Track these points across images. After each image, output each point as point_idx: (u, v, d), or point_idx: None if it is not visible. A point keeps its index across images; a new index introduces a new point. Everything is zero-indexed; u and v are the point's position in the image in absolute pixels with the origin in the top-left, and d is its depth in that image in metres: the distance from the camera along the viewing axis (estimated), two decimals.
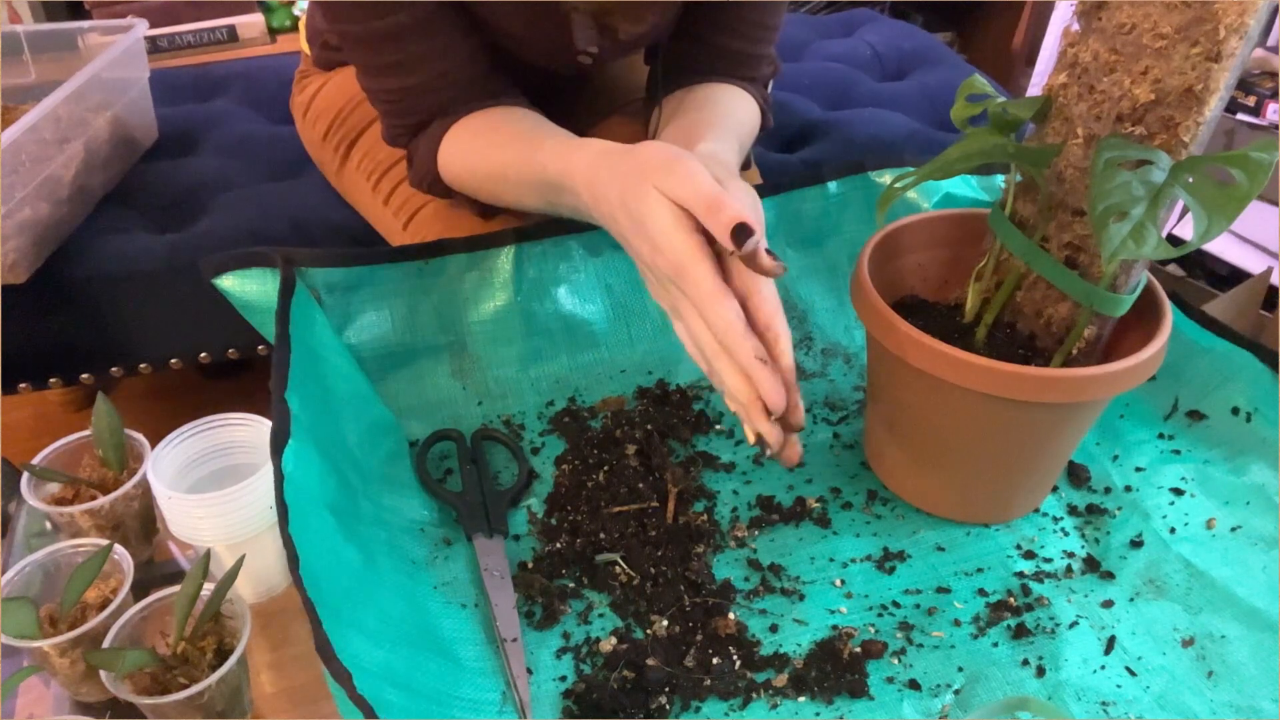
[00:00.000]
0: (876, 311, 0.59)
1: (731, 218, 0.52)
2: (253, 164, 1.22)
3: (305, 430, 0.58)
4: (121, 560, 0.60)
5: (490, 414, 0.73)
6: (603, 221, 0.61)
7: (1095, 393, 0.57)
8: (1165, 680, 0.55)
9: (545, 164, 0.64)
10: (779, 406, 0.54)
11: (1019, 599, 0.60)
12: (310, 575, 0.50)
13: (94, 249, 1.06)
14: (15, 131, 0.94)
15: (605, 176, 0.59)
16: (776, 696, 0.55)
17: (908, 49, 1.50)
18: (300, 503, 0.54)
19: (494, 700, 0.54)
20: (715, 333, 0.54)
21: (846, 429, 0.73)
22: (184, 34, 1.71)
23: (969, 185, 0.82)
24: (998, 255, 0.63)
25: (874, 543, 0.64)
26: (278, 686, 0.61)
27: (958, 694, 0.55)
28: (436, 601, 0.59)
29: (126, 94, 1.16)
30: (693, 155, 0.57)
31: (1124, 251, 0.50)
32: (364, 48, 0.72)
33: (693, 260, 0.54)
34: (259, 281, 0.68)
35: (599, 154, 0.60)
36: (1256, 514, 0.65)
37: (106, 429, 0.66)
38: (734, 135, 0.71)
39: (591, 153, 0.61)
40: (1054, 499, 0.67)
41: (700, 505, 0.66)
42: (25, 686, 0.60)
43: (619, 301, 0.78)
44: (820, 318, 0.81)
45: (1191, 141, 0.54)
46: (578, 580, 0.61)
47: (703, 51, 0.80)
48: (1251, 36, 0.51)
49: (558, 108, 0.78)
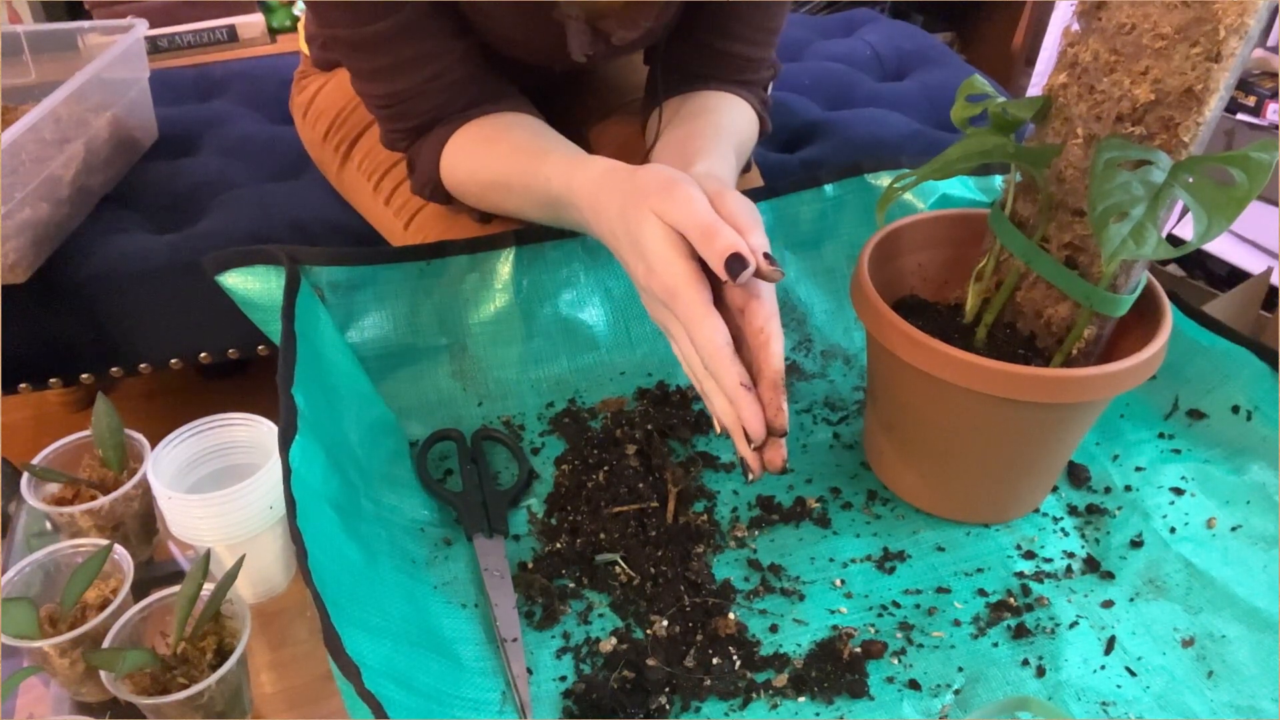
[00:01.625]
0: (876, 312, 0.59)
1: (726, 247, 0.53)
2: (253, 164, 1.22)
3: (310, 427, 0.58)
4: (121, 560, 0.60)
5: (490, 414, 0.73)
6: (603, 239, 0.62)
7: (1095, 393, 0.57)
8: (1165, 680, 0.55)
9: (549, 178, 0.65)
10: (758, 435, 0.55)
11: (1019, 599, 0.60)
12: (316, 569, 0.50)
13: (94, 249, 1.05)
14: (15, 131, 0.94)
15: (606, 197, 0.60)
16: (776, 696, 0.55)
17: (908, 49, 1.50)
18: (305, 498, 0.54)
19: (494, 700, 0.54)
20: (702, 356, 0.55)
21: (846, 429, 0.73)
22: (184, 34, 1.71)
23: (966, 186, 0.82)
24: (998, 255, 0.63)
25: (874, 543, 0.64)
26: (278, 686, 0.61)
27: (958, 694, 0.55)
28: (437, 601, 0.59)
29: (126, 94, 1.16)
30: (691, 180, 0.58)
31: (1124, 251, 0.50)
32: (355, 52, 0.72)
33: (685, 284, 0.55)
34: (262, 279, 0.68)
35: (602, 173, 0.61)
36: (1257, 513, 0.65)
37: (106, 429, 0.66)
38: (731, 147, 0.72)
39: (595, 171, 0.62)
40: (1054, 499, 0.67)
41: (700, 505, 0.66)
42: (25, 686, 0.60)
43: (619, 304, 0.78)
44: (819, 320, 0.81)
45: (1191, 141, 0.54)
46: (578, 580, 0.61)
47: (702, 55, 0.80)
48: (1251, 36, 0.51)
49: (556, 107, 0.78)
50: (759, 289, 0.56)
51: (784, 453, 0.56)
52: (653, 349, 0.77)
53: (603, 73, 0.97)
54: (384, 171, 0.90)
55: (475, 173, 0.73)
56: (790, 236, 0.81)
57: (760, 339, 0.56)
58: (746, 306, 0.56)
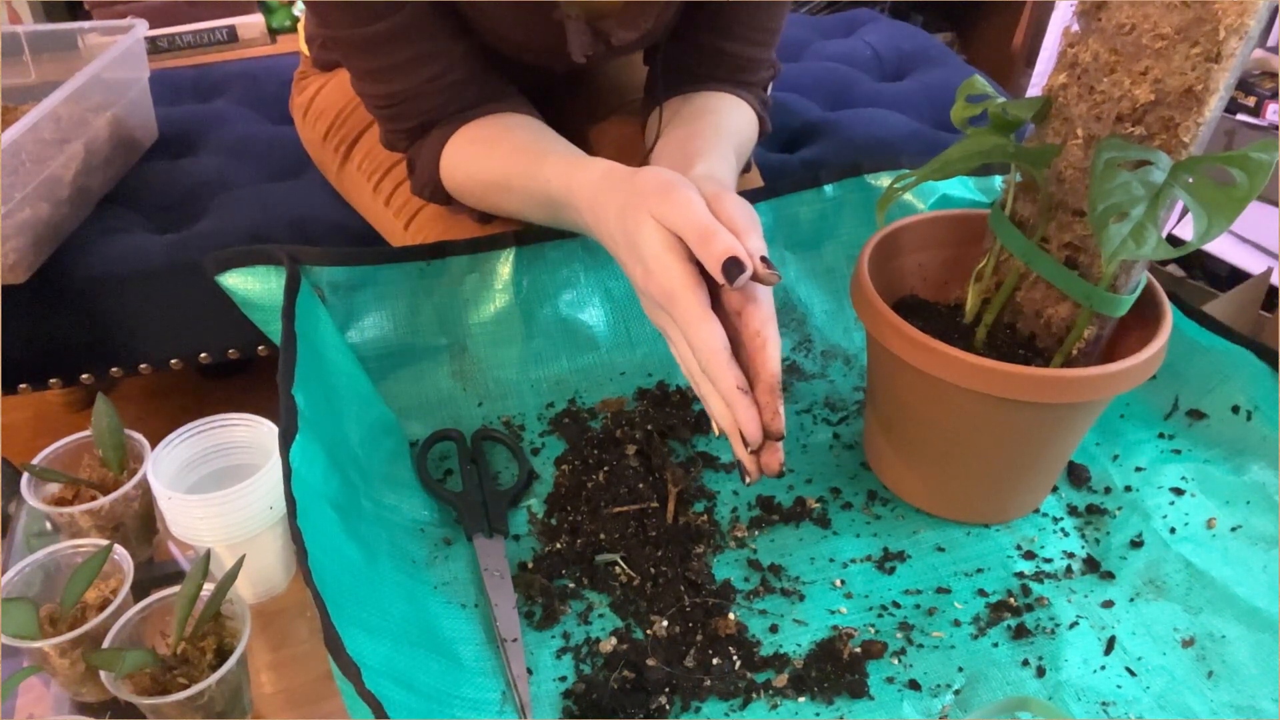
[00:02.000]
0: (876, 312, 0.59)
1: (724, 251, 0.53)
2: (253, 164, 1.22)
3: (310, 427, 0.58)
4: (121, 560, 0.60)
5: (490, 415, 0.73)
6: (602, 241, 0.62)
7: (1095, 393, 0.57)
8: (1165, 680, 0.55)
9: (549, 179, 0.65)
10: (755, 439, 0.55)
11: (1019, 599, 0.60)
12: (316, 569, 0.50)
13: (94, 249, 1.05)
14: (15, 131, 0.94)
15: (605, 199, 0.60)
16: (776, 697, 0.55)
17: (908, 49, 1.50)
18: (305, 498, 0.54)
19: (494, 700, 0.54)
20: (699, 359, 0.55)
21: (846, 429, 0.73)
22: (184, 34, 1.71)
23: (966, 187, 0.82)
24: (998, 255, 0.63)
25: (874, 543, 0.64)
26: (278, 686, 0.61)
27: (958, 694, 0.55)
28: (437, 601, 0.60)
29: (126, 94, 1.16)
30: (689, 182, 0.58)
31: (1124, 251, 0.50)
32: (355, 53, 0.72)
33: (682, 288, 0.55)
34: (262, 279, 0.68)
35: (601, 175, 0.61)
36: (1257, 513, 0.65)
37: (106, 429, 0.66)
38: (731, 148, 0.72)
39: (594, 173, 0.62)
40: (1054, 499, 0.67)
41: (700, 505, 0.66)
42: (25, 686, 0.60)
43: (619, 304, 0.78)
44: (819, 320, 0.81)
45: (1191, 142, 0.54)
46: (578, 580, 0.61)
47: (702, 55, 0.80)
48: (1251, 36, 0.51)
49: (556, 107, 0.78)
50: (756, 292, 0.56)
51: (781, 456, 0.56)
52: (653, 349, 0.77)
53: (603, 73, 0.97)
54: (384, 171, 0.90)
55: (475, 173, 0.73)
56: (790, 237, 0.81)
57: (757, 342, 0.56)
58: (744, 310, 0.56)
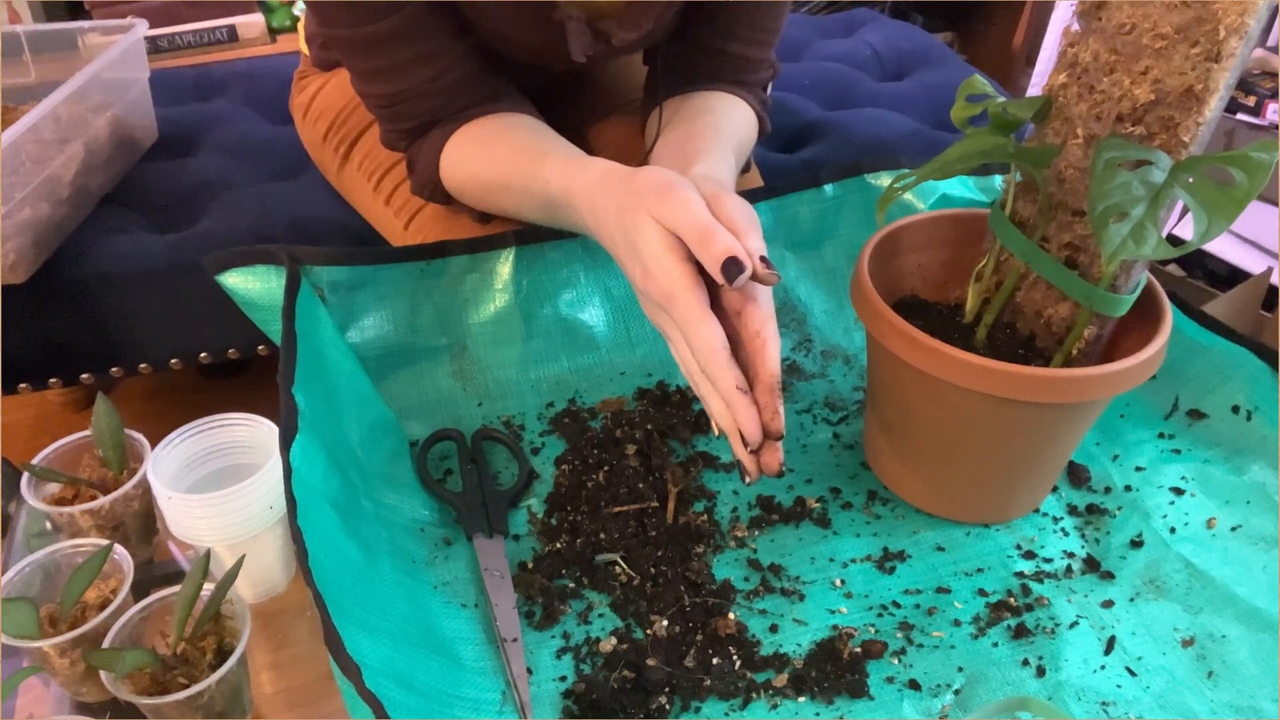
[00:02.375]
0: (877, 312, 0.59)
1: (723, 251, 0.53)
2: (253, 164, 1.22)
3: (310, 426, 0.58)
4: (121, 560, 0.60)
5: (490, 414, 0.73)
6: (601, 241, 0.62)
7: (1095, 393, 0.57)
8: (1165, 680, 0.55)
9: (549, 179, 0.65)
10: (754, 439, 0.55)
11: (1019, 599, 0.60)
12: (317, 569, 0.50)
13: (94, 249, 1.05)
14: (15, 131, 0.94)
15: (604, 199, 0.60)
16: (776, 697, 0.55)
17: (908, 49, 1.50)
18: (305, 498, 0.54)
19: (494, 700, 0.54)
20: (699, 359, 0.55)
21: (846, 429, 0.73)
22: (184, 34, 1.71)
23: (966, 186, 0.82)
24: (998, 255, 0.63)
25: (874, 543, 0.64)
26: (278, 686, 0.61)
27: (958, 694, 0.55)
28: (437, 601, 0.60)
29: (126, 94, 1.16)
30: (688, 182, 0.58)
31: (1124, 251, 0.50)
32: (355, 52, 0.72)
33: (682, 288, 0.55)
34: (262, 279, 0.68)
35: (601, 175, 0.61)
36: (1257, 513, 0.65)
37: (106, 429, 0.66)
38: (731, 148, 0.72)
39: (594, 174, 0.62)
40: (1054, 499, 0.67)
41: (700, 505, 0.66)
42: (25, 686, 0.60)
43: (619, 304, 0.78)
44: (819, 320, 0.81)
45: (1191, 141, 0.54)
46: (578, 580, 0.61)
47: (702, 55, 0.80)
48: (1251, 36, 0.51)
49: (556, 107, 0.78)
50: (756, 292, 0.56)
51: (780, 456, 0.56)
52: (653, 349, 0.77)
53: (602, 73, 0.97)
54: (384, 171, 0.90)
55: (475, 173, 0.73)
56: (790, 237, 0.81)
57: (756, 343, 0.56)
58: (743, 310, 0.56)
